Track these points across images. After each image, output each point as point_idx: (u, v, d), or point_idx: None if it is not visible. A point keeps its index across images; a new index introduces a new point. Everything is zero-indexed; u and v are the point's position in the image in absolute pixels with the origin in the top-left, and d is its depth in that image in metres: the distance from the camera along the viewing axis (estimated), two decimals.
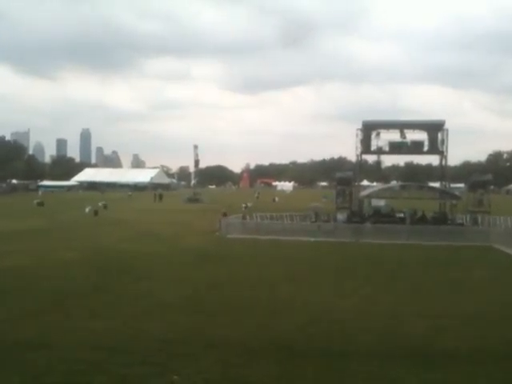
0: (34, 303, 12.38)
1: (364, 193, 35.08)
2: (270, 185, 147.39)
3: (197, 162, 71.52)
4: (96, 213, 40.55)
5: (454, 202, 32.00)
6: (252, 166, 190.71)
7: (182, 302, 12.66)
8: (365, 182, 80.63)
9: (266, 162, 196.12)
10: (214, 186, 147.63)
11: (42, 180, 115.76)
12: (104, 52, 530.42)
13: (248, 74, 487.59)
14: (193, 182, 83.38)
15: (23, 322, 10.77)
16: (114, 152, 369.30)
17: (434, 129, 33.41)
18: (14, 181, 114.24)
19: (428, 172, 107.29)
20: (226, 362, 8.39)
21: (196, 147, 68.86)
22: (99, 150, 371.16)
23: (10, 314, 11.28)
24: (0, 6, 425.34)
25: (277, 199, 68.16)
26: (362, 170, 39.42)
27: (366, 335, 10.00)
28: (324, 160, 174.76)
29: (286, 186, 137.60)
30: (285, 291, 14.08)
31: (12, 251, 21.02)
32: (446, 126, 33.07)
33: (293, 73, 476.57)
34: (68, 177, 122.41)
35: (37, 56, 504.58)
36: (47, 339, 9.46)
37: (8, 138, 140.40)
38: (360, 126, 34.05)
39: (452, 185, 50.03)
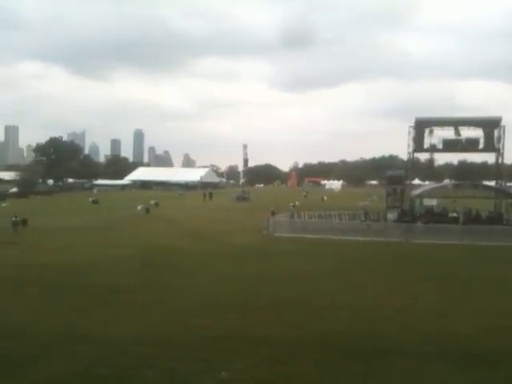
0: (86, 298, 12.83)
1: (416, 192, 34.23)
2: (318, 183, 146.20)
3: (246, 161, 71.99)
4: (148, 211, 41.57)
5: (511, 201, 30.77)
6: (300, 165, 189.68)
7: (230, 299, 12.80)
8: (416, 181, 78.71)
9: (314, 161, 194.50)
10: (262, 185, 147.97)
11: (96, 179, 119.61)
12: (154, 52, 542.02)
13: (296, 73, 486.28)
14: (241, 180, 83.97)
15: (75, 315, 11.17)
16: (166, 152, 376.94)
17: (490, 125, 32.15)
18: (70, 179, 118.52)
19: (483, 170, 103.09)
20: (273, 358, 8.41)
21: (245, 146, 69.24)
22: (151, 149, 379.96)
23: (63, 308, 11.73)
24: (54, 8, 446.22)
25: (325, 198, 67.56)
26: (414, 168, 38.43)
27: (414, 334, 9.82)
28: (374, 158, 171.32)
29: (335, 184, 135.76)
30: (333, 289, 14.01)
31: (68, 247, 22.07)
32: (504, 122, 31.78)
33: (342, 70, 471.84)
34: (121, 176, 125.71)
35: (90, 57, 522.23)
36: (98, 333, 9.79)
37: (65, 138, 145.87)
38: (412, 124, 33.28)
39: (508, 183, 47.93)
